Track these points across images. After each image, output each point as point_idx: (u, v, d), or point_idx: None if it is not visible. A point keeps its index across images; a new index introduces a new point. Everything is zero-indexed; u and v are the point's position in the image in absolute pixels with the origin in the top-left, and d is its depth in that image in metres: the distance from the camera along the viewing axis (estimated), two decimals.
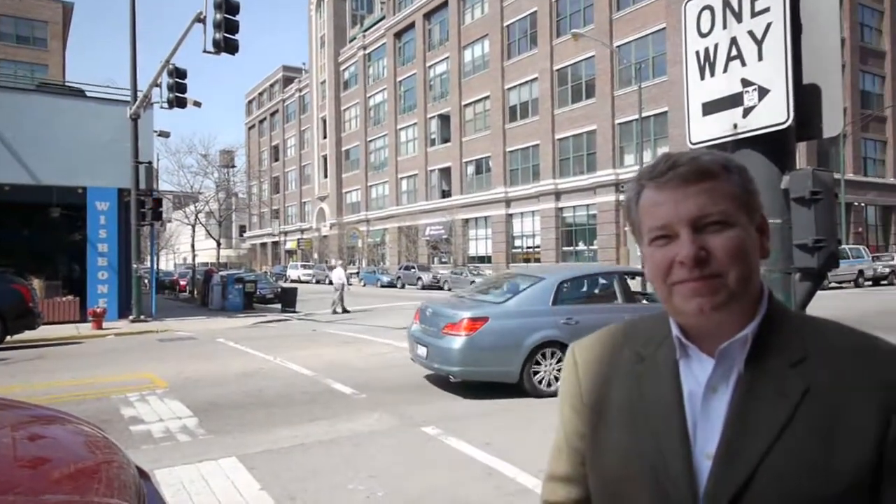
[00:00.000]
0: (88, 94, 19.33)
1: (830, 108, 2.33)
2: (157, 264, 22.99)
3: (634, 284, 9.87)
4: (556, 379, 7.38)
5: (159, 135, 22.85)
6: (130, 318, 17.16)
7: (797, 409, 0.79)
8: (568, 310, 7.82)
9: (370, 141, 56.42)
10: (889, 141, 39.69)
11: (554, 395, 6.54)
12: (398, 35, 51.83)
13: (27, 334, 13.54)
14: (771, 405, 0.80)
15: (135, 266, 17.61)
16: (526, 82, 39.32)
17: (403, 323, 16.44)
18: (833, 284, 27.09)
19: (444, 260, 44.94)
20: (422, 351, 8.02)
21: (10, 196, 18.03)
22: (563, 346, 7.35)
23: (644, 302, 8.82)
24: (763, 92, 2.25)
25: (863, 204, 37.24)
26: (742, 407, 0.82)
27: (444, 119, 46.64)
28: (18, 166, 16.84)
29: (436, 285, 36.70)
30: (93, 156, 17.61)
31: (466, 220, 43.96)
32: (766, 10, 2.24)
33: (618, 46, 32.82)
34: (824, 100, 2.33)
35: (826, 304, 16.26)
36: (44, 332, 14.35)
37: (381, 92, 54.73)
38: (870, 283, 30.28)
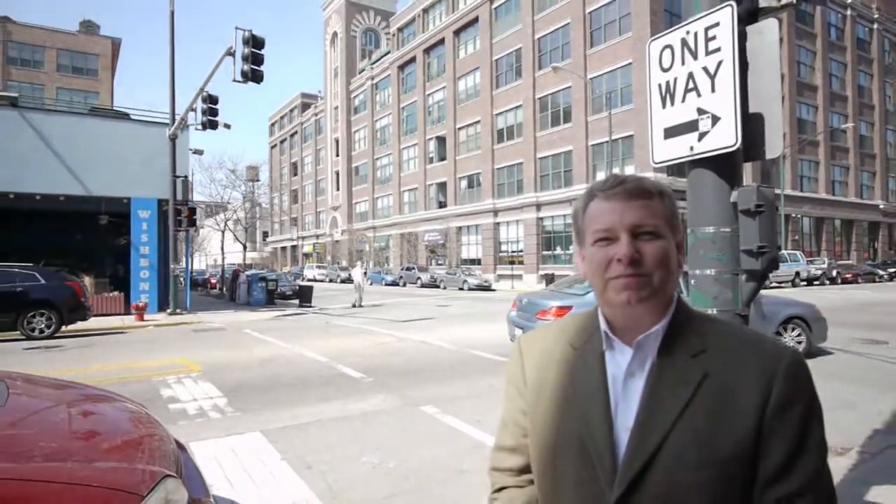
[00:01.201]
0: (133, 117, 19.32)
1: (772, 133, 2.36)
2: (191, 265, 22.90)
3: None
4: None
5: (194, 152, 22.80)
6: (168, 311, 17.14)
7: (696, 392, 0.85)
8: None
9: (377, 159, 56.41)
10: (821, 161, 40.19)
11: None
12: (401, 67, 51.92)
13: (79, 325, 13.57)
14: (675, 389, 0.87)
15: (172, 266, 17.59)
16: (512, 109, 39.43)
17: (406, 317, 16.52)
18: (774, 284, 27.39)
19: (440, 262, 44.91)
20: (518, 332, 8.44)
21: (66, 205, 18.01)
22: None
23: None
24: (715, 119, 2.28)
25: (799, 215, 37.64)
26: (653, 390, 0.88)
27: (441, 140, 46.66)
28: (73, 180, 16.83)
29: (433, 284, 36.66)
30: (136, 170, 17.59)
31: (460, 228, 44.00)
32: (718, 49, 2.27)
33: (591, 78, 32.98)
34: (767, 126, 2.36)
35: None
36: (93, 323, 14.39)
37: (386, 116, 54.77)
38: (805, 283, 30.59)
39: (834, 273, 32.63)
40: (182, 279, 20.21)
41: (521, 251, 38.34)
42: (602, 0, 32.73)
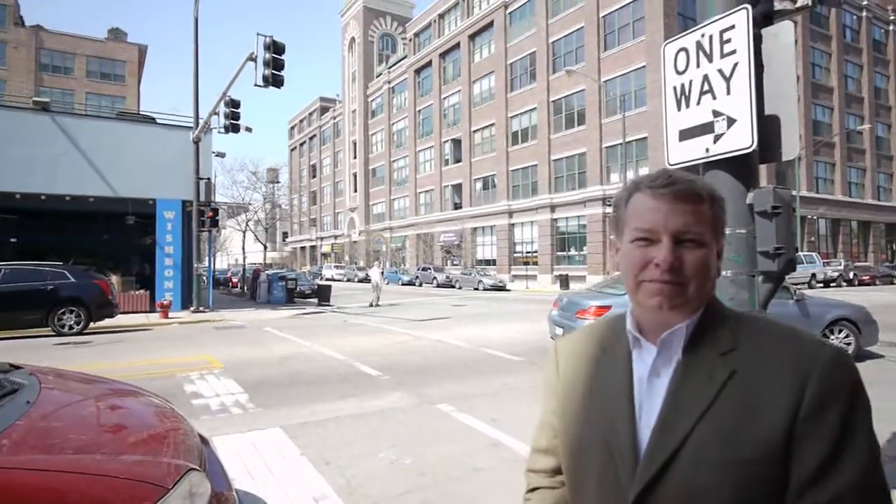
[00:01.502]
0: (158, 121, 19.54)
1: (788, 135, 2.32)
2: (214, 264, 23.12)
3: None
4: None
5: (217, 155, 23.04)
6: (191, 309, 17.30)
7: (721, 391, 0.80)
8: None
9: (393, 161, 56.56)
10: (837, 163, 39.38)
11: None
12: (418, 71, 52.00)
13: (107, 322, 13.69)
14: (700, 388, 0.82)
15: (195, 265, 17.76)
16: (526, 111, 39.28)
17: (422, 316, 16.50)
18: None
19: (455, 262, 44.89)
20: (559, 331, 8.52)
21: (94, 206, 18.28)
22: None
23: None
24: (731, 121, 2.25)
25: (815, 217, 36.91)
26: (677, 388, 0.84)
27: (457, 142, 46.64)
28: (101, 181, 17.05)
29: (448, 284, 36.65)
30: (161, 172, 17.76)
31: (475, 229, 43.91)
32: (734, 52, 2.24)
33: (605, 81, 32.73)
34: (783, 128, 2.32)
35: None
36: (120, 320, 14.52)
37: (402, 119, 54.89)
38: (821, 284, 29.96)
39: (851, 275, 31.91)
40: (205, 278, 20.40)
41: (536, 252, 38.17)
42: (616, 4, 32.43)
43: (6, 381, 2.61)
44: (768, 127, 2.27)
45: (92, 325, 13.06)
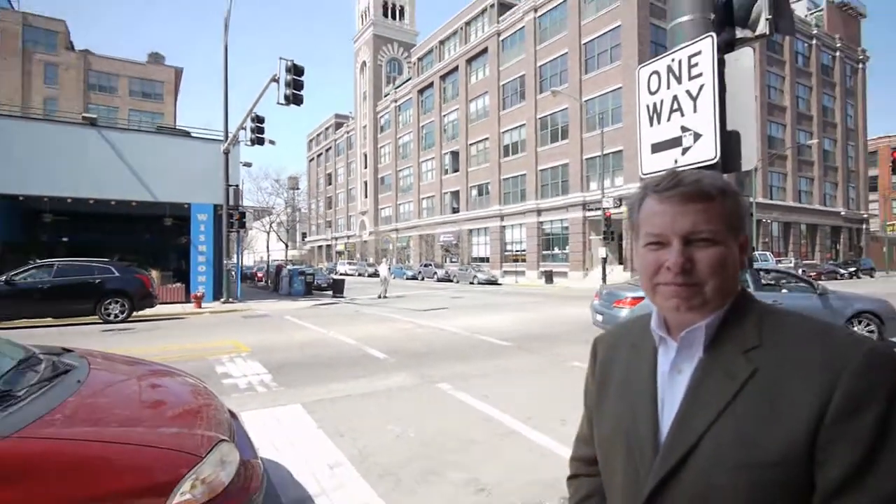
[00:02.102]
0: (193, 134, 19.53)
1: (747, 148, 2.32)
2: (241, 260, 23.11)
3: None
4: None
5: (244, 165, 23.03)
6: (221, 300, 17.28)
7: (742, 389, 0.71)
8: None
9: (399, 170, 56.51)
10: (788, 173, 39.49)
11: None
12: (421, 92, 51.95)
13: (147, 311, 13.72)
14: (719, 385, 0.73)
15: (225, 262, 17.74)
16: (516, 127, 39.25)
17: (424, 307, 16.50)
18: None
19: (453, 259, 44.87)
20: (599, 318, 8.60)
21: (136, 210, 18.31)
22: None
23: (783, 291, 7.91)
24: (697, 136, 2.24)
25: (769, 220, 36.95)
26: (696, 385, 0.75)
27: (455, 154, 46.61)
28: (142, 188, 17.03)
29: (447, 279, 36.63)
30: (195, 180, 17.74)
31: (471, 230, 43.92)
32: (700, 75, 2.24)
33: (586, 101, 32.71)
34: (743, 142, 2.31)
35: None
36: (159, 310, 14.54)
37: (407, 134, 54.84)
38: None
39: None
40: (233, 273, 20.41)
41: (524, 250, 38.20)
42: (595, 33, 32.40)
43: (60, 362, 2.61)
44: (730, 141, 2.27)
45: (135, 314, 13.07)
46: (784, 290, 8.02)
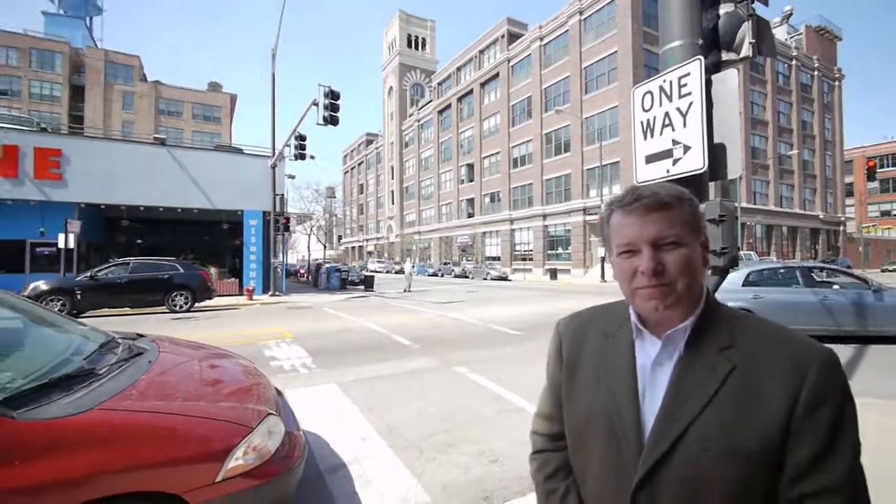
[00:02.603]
0: (245, 151, 19.85)
1: (732, 158, 2.26)
2: (286, 259, 23.41)
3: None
4: None
5: (288, 177, 23.31)
6: (269, 293, 17.48)
7: (723, 384, 0.71)
8: (755, 290, 7.21)
9: (422, 181, 56.58)
10: (771, 181, 38.31)
11: None
12: (440, 112, 51.93)
13: (207, 303, 13.93)
14: (703, 380, 0.73)
15: (272, 260, 17.98)
16: (524, 142, 38.94)
17: (443, 299, 16.49)
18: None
19: (469, 258, 44.78)
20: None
21: (198, 216, 18.67)
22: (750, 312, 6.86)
23: (835, 287, 7.31)
24: (687, 148, 2.20)
25: (753, 223, 35.91)
26: (680, 379, 0.75)
27: (470, 167, 46.48)
28: (203, 197, 17.34)
29: (463, 275, 36.57)
30: (247, 190, 17.97)
31: (484, 233, 43.73)
32: (689, 93, 2.19)
33: (586, 118, 32.31)
34: (728, 153, 2.26)
35: None
36: (217, 301, 14.79)
37: (429, 149, 54.88)
38: None
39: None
40: (279, 270, 20.69)
41: (531, 250, 37.87)
42: (595, 58, 31.95)
43: (134, 346, 2.68)
44: (717, 152, 2.22)
45: (196, 305, 13.26)
46: (836, 287, 7.29)
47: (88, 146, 16.26)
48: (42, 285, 11.41)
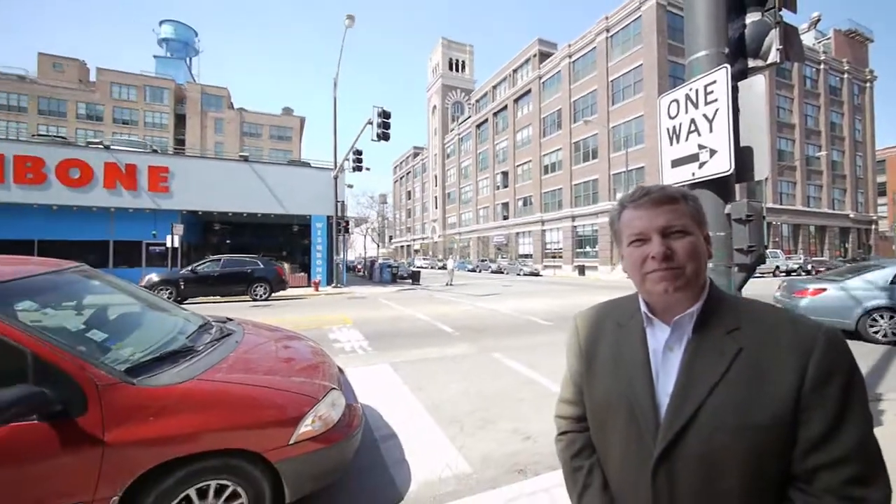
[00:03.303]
0: (312, 165, 20.51)
1: (759, 161, 2.09)
2: (346, 256, 24.10)
3: None
4: (893, 333, 5.96)
5: (348, 186, 23.96)
6: (332, 286, 17.96)
7: (732, 364, 0.69)
8: None
9: (462, 188, 56.49)
10: (798, 182, 35.08)
11: (886, 343, 5.91)
12: (478, 126, 51.59)
13: (281, 293, 14.46)
14: (712, 361, 0.71)
15: (335, 257, 18.54)
16: (554, 151, 37.90)
17: (481, 292, 16.37)
18: (758, 274, 24.27)
19: (503, 256, 44.27)
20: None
21: (274, 220, 19.55)
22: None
23: None
24: (713, 152, 2.05)
25: (779, 223, 33.12)
26: (690, 361, 0.72)
27: (505, 174, 45.84)
28: (278, 204, 18.07)
29: (498, 271, 36.18)
30: (313, 198, 18.53)
31: (518, 233, 43.03)
32: (715, 100, 2.04)
33: (612, 127, 31.01)
34: (755, 156, 2.08)
35: (771, 288, 14.54)
36: (289, 292, 15.27)
37: (468, 159, 54.69)
38: (784, 273, 26.87)
39: (809, 267, 28.40)
40: (340, 265, 21.34)
41: (561, 249, 36.84)
42: (620, 71, 30.57)
43: (225, 328, 2.84)
44: (743, 155, 2.06)
45: (273, 295, 13.76)
46: None
47: (188, 164, 17.48)
48: (154, 277, 12.37)
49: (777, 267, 26.59)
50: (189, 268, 13.12)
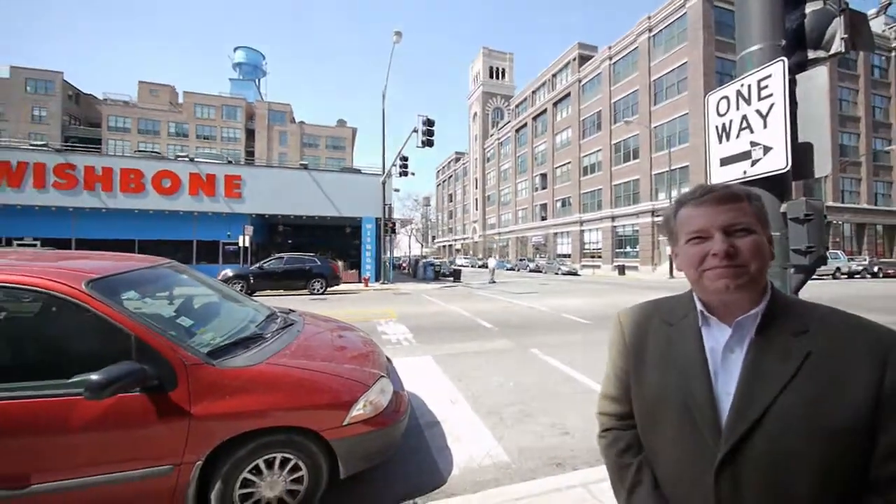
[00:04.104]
0: (362, 171, 21.09)
1: (820, 157, 1.87)
2: (392, 255, 24.63)
3: None
4: None
5: (394, 190, 24.47)
6: (380, 282, 18.37)
7: (801, 367, 0.64)
8: None
9: (501, 190, 55.86)
10: (863, 178, 31.12)
11: None
12: (517, 130, 50.74)
13: (335, 288, 14.92)
14: (778, 363, 0.65)
15: (382, 256, 18.97)
16: (593, 152, 36.38)
17: (519, 290, 16.10)
18: (816, 276, 21.80)
19: (542, 256, 43.23)
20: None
21: (329, 222, 20.38)
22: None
23: None
24: (767, 149, 1.87)
25: (840, 222, 29.60)
26: (754, 363, 0.67)
27: (543, 176, 44.70)
28: (332, 208, 18.76)
29: (537, 270, 35.33)
30: (364, 201, 19.03)
31: (556, 233, 41.83)
32: (770, 95, 1.86)
33: (654, 127, 29.24)
34: (815, 152, 1.87)
35: (829, 290, 13.11)
36: (342, 287, 15.76)
37: (507, 162, 53.96)
38: (845, 276, 23.99)
39: (875, 269, 25.04)
40: (388, 263, 21.79)
41: (600, 249, 35.32)
42: (663, 70, 28.73)
43: (288, 318, 2.99)
44: (801, 151, 1.85)
45: (329, 289, 14.25)
46: None
47: (257, 173, 18.69)
48: (229, 272, 13.36)
49: (838, 269, 23.80)
50: (257, 264, 14.01)
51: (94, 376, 1.54)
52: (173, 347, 1.81)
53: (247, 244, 16.34)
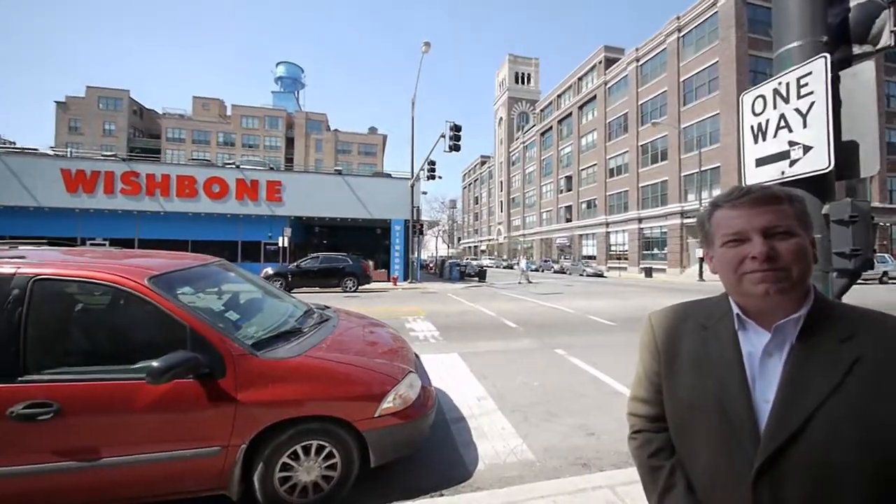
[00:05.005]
0: (392, 175, 21.46)
1: (867, 156, 1.72)
2: (420, 255, 24.83)
3: None
4: None
5: (422, 193, 24.62)
6: (408, 281, 18.50)
7: (848, 375, 0.59)
8: None
9: (526, 192, 55.06)
10: None
11: None
12: (542, 134, 49.87)
13: (366, 286, 15.17)
14: (823, 370, 0.60)
15: (410, 256, 19.15)
16: (620, 154, 35.16)
17: (544, 291, 15.80)
18: (861, 281, 19.99)
19: (566, 257, 42.24)
20: None
21: (361, 224, 20.75)
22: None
23: None
24: (807, 149, 1.74)
25: (888, 224, 27.06)
26: (797, 369, 0.62)
27: (568, 178, 43.66)
28: (364, 210, 19.18)
29: (561, 271, 34.57)
30: (393, 204, 19.29)
31: (581, 235, 40.76)
32: (811, 93, 1.73)
33: (683, 128, 27.89)
34: (861, 151, 1.73)
35: (875, 295, 12.07)
36: (373, 286, 15.97)
37: (532, 165, 53.15)
38: (894, 281, 21.89)
39: None
40: (415, 263, 21.94)
41: (626, 251, 34.07)
42: (693, 70, 27.36)
43: (323, 314, 3.09)
44: (845, 150, 1.72)
45: (360, 287, 14.51)
46: None
47: (296, 178, 19.41)
48: (270, 270, 13.95)
49: (885, 273, 21.75)
50: (295, 263, 14.52)
51: (155, 363, 1.66)
52: (223, 339, 1.92)
53: (286, 244, 17.00)
